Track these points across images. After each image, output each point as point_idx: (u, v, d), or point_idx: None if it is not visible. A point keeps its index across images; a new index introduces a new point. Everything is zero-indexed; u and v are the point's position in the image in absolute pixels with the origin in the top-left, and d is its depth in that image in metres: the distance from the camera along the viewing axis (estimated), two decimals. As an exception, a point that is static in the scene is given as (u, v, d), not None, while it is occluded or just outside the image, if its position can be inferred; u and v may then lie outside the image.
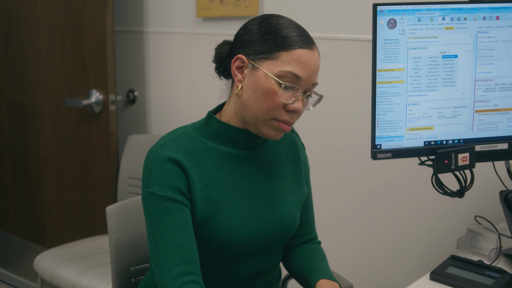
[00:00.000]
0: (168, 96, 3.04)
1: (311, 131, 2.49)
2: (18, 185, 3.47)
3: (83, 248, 2.73)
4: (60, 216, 3.27)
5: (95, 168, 3.05)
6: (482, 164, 1.87)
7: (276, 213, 1.60)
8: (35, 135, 3.30)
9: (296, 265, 1.73)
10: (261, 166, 1.61)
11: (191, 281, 1.42)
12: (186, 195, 1.49)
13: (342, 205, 2.52)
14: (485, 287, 1.59)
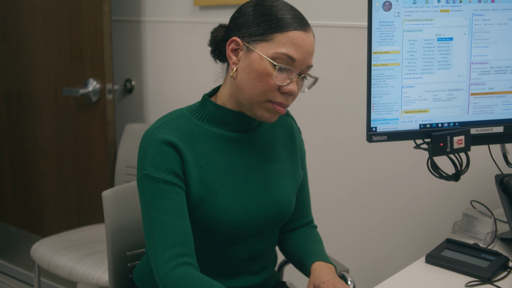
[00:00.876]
0: (165, 85, 3.04)
1: (307, 115, 2.49)
2: (16, 175, 3.47)
3: (80, 236, 2.73)
4: (57, 206, 3.27)
5: (92, 157, 3.05)
6: (477, 148, 1.87)
7: (271, 196, 1.60)
8: (33, 125, 3.30)
9: (292, 249, 1.74)
10: (256, 148, 1.61)
11: (185, 262, 1.42)
12: (181, 177, 1.49)
13: (337, 190, 2.53)
14: (480, 270, 1.59)
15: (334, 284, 1.48)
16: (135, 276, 1.74)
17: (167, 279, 1.39)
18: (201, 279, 1.38)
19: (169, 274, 1.40)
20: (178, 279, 1.38)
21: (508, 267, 1.64)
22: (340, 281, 1.51)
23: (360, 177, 2.46)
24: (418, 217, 2.34)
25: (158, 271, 1.42)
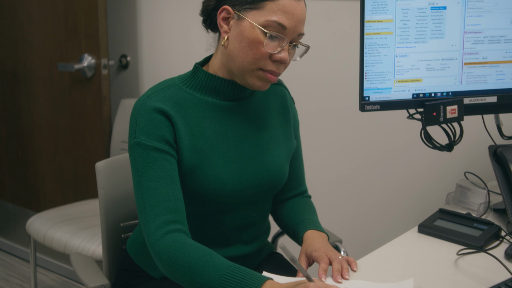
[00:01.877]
0: (161, 61, 3.03)
1: (300, 85, 2.48)
2: (12, 152, 3.47)
3: (75, 211, 2.74)
4: (53, 182, 3.27)
5: (87, 133, 3.05)
6: (471, 120, 1.87)
7: (264, 164, 1.60)
8: (28, 101, 3.30)
9: (285, 218, 1.74)
10: (249, 117, 1.60)
11: (177, 229, 1.42)
12: (172, 145, 1.49)
13: (331, 161, 2.53)
14: (472, 238, 1.60)
15: (325, 252, 1.49)
16: (129, 247, 1.74)
17: (159, 246, 1.39)
18: (193, 245, 1.38)
19: (161, 240, 1.40)
20: (170, 245, 1.38)
21: (501, 236, 1.64)
22: (332, 249, 1.51)
23: (353, 148, 2.46)
24: (412, 188, 2.35)
25: (149, 238, 1.42)
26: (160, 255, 1.39)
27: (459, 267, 1.48)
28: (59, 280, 3.35)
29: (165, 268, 1.40)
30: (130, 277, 1.70)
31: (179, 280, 1.38)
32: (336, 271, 1.41)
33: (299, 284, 1.21)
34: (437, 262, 1.51)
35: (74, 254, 1.83)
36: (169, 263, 1.38)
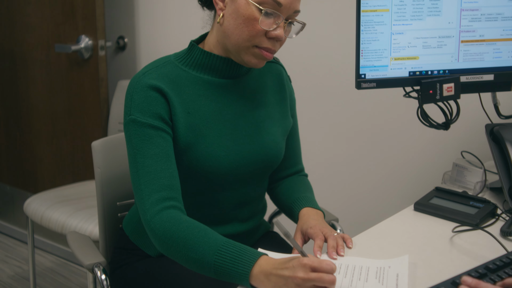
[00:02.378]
0: (158, 42, 3.02)
1: (296, 64, 2.48)
2: (10, 134, 3.47)
3: (72, 192, 2.74)
4: (51, 164, 3.27)
5: (85, 115, 3.05)
6: (469, 99, 1.86)
7: (260, 142, 1.60)
8: (26, 83, 3.29)
9: (281, 196, 1.74)
10: (245, 95, 1.60)
11: (172, 206, 1.42)
12: (168, 123, 1.48)
13: (327, 139, 2.53)
14: (468, 216, 1.60)
15: (321, 228, 1.49)
16: (125, 225, 1.74)
17: (154, 222, 1.39)
18: (187, 221, 1.38)
19: (156, 217, 1.40)
20: (165, 222, 1.38)
21: (496, 214, 1.64)
22: (327, 226, 1.51)
23: (350, 127, 2.46)
24: (409, 168, 2.35)
25: (144, 214, 1.42)
26: (155, 232, 1.39)
27: (455, 244, 1.48)
28: (57, 262, 3.36)
29: (160, 244, 1.40)
30: (127, 255, 1.70)
31: (174, 256, 1.38)
32: (331, 248, 1.41)
33: (293, 259, 1.21)
34: (432, 239, 1.51)
35: (71, 232, 1.83)
36: (164, 239, 1.38)
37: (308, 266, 1.18)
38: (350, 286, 1.25)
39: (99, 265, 1.62)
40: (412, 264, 1.35)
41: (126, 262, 1.69)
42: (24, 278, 3.17)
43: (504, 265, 1.26)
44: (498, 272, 1.24)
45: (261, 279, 1.24)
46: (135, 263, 1.67)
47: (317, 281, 1.17)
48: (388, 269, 1.32)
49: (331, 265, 1.18)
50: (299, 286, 1.17)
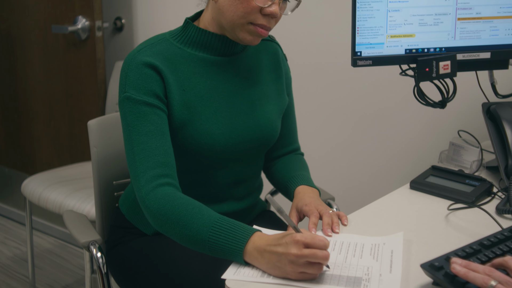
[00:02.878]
0: (156, 23, 3.00)
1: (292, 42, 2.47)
2: (8, 116, 3.46)
3: (70, 172, 2.74)
4: (49, 145, 3.27)
5: (82, 96, 3.04)
6: (466, 78, 1.86)
7: (255, 120, 1.59)
8: (23, 65, 3.28)
9: (277, 175, 1.74)
10: (240, 72, 1.59)
11: (167, 183, 1.42)
12: (163, 100, 1.48)
13: (324, 118, 2.53)
14: (463, 194, 1.59)
15: (316, 206, 1.48)
16: (121, 204, 1.74)
17: (148, 199, 1.39)
18: (182, 198, 1.38)
19: (151, 194, 1.40)
20: (159, 199, 1.38)
21: (492, 193, 1.64)
22: (322, 204, 1.51)
23: (347, 105, 2.46)
24: (405, 147, 2.35)
25: (139, 191, 1.42)
26: (150, 209, 1.39)
27: (450, 221, 1.48)
28: (55, 243, 3.37)
29: (154, 221, 1.40)
30: (123, 234, 1.70)
31: (168, 233, 1.38)
32: (326, 225, 1.41)
33: (286, 236, 1.20)
34: (428, 217, 1.51)
35: (67, 211, 1.83)
36: (158, 216, 1.38)
37: (301, 243, 1.18)
38: (345, 263, 1.25)
39: (95, 243, 1.62)
40: (407, 241, 1.36)
41: (122, 240, 1.69)
42: (22, 259, 3.18)
43: (499, 242, 1.26)
44: (492, 248, 1.24)
45: (255, 255, 1.24)
46: (131, 242, 1.67)
47: (310, 257, 1.16)
48: (383, 246, 1.32)
49: (324, 241, 1.18)
50: (293, 262, 1.17)
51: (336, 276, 1.21)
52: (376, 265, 1.24)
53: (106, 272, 1.58)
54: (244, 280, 1.20)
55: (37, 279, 2.96)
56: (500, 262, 1.11)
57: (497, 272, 1.06)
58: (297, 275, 1.18)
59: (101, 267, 1.58)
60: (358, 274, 1.21)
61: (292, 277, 1.19)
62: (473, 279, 1.06)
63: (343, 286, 1.17)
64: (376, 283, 1.18)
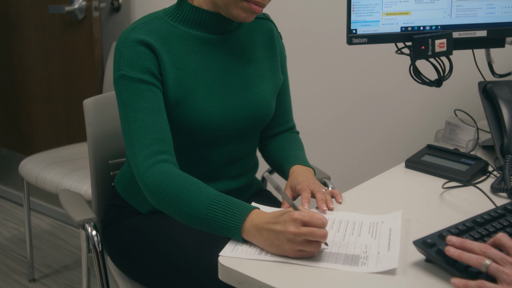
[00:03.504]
0: (153, 3, 2.99)
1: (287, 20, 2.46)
2: (5, 97, 3.46)
3: (67, 153, 2.74)
4: (46, 126, 3.27)
5: (79, 76, 3.03)
6: (462, 57, 1.85)
7: (250, 98, 1.59)
8: (20, 45, 3.27)
9: (273, 154, 1.74)
10: (234, 51, 1.59)
11: (164, 160, 1.42)
12: (157, 77, 1.47)
13: (319, 97, 2.52)
14: (458, 173, 1.59)
15: (309, 184, 1.48)
16: (116, 183, 1.75)
17: (146, 176, 1.39)
18: (180, 175, 1.38)
19: (148, 171, 1.39)
20: (157, 176, 1.38)
21: (488, 172, 1.64)
22: (316, 182, 1.51)
23: (342, 84, 2.45)
24: (402, 126, 2.34)
25: (137, 169, 1.41)
26: (148, 186, 1.39)
27: (445, 200, 1.48)
28: (54, 224, 3.38)
29: (153, 198, 1.40)
30: (118, 213, 1.70)
31: (166, 210, 1.38)
32: (320, 201, 1.41)
33: (284, 214, 1.20)
34: (422, 195, 1.51)
35: (62, 190, 1.83)
36: (156, 193, 1.38)
37: (299, 221, 1.18)
38: (343, 241, 1.25)
39: (90, 221, 1.62)
40: (405, 219, 1.35)
41: (118, 219, 1.70)
42: (21, 240, 3.19)
43: (492, 219, 1.26)
44: (485, 225, 1.24)
45: (253, 233, 1.24)
46: (126, 220, 1.67)
47: (308, 236, 1.16)
48: (382, 224, 1.32)
49: (322, 219, 1.18)
50: (291, 240, 1.17)
51: (334, 254, 1.21)
52: (374, 243, 1.24)
53: (101, 250, 1.58)
54: (239, 257, 1.20)
55: (35, 260, 2.97)
56: (493, 241, 1.11)
57: (492, 250, 1.06)
58: (295, 253, 1.18)
59: (96, 245, 1.58)
60: (356, 252, 1.21)
61: (290, 255, 1.19)
62: (467, 260, 1.06)
63: (341, 263, 1.17)
64: (374, 261, 1.18)
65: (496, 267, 1.03)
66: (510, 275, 1.01)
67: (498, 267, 1.03)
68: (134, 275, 1.65)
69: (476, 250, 1.07)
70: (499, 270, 1.02)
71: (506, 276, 1.01)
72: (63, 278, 2.85)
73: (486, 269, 1.04)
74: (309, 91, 2.53)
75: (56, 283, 2.81)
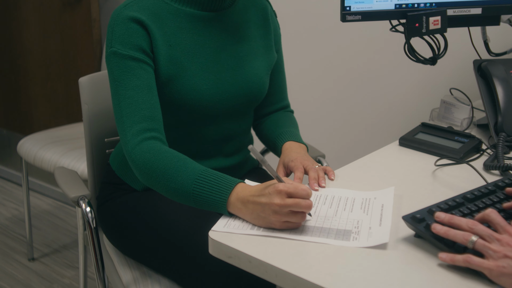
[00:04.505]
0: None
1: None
2: (5, 78, 3.46)
3: (66, 132, 2.74)
4: (46, 107, 3.28)
5: (78, 56, 3.03)
6: (458, 36, 1.84)
7: (243, 76, 1.59)
8: (19, 26, 3.27)
9: (266, 132, 1.74)
10: (227, 28, 1.58)
11: (152, 137, 1.42)
12: (149, 55, 1.48)
13: (314, 76, 2.52)
14: (451, 151, 1.59)
15: (301, 161, 1.49)
16: (111, 161, 1.75)
17: (134, 153, 1.40)
18: (167, 151, 1.38)
19: (136, 148, 1.40)
20: (145, 152, 1.39)
21: (481, 150, 1.64)
22: (309, 159, 1.51)
23: (338, 63, 2.45)
24: (398, 105, 2.34)
25: (126, 145, 1.42)
26: (136, 162, 1.40)
27: (437, 177, 1.48)
28: (54, 205, 3.39)
29: (141, 174, 1.40)
30: (113, 190, 1.71)
31: (154, 186, 1.39)
32: (312, 179, 1.41)
33: (269, 186, 1.21)
34: (415, 172, 1.51)
35: (58, 168, 1.84)
36: (144, 170, 1.39)
37: (284, 192, 1.18)
38: (335, 216, 1.26)
39: (84, 198, 1.62)
40: (397, 196, 1.36)
41: (112, 196, 1.70)
42: (20, 220, 3.21)
43: (482, 195, 1.26)
44: (475, 201, 1.24)
45: (239, 206, 1.24)
46: (120, 197, 1.68)
47: (293, 207, 1.17)
48: (374, 200, 1.33)
49: (307, 190, 1.18)
50: (276, 212, 1.18)
51: (326, 229, 1.21)
52: (366, 219, 1.25)
53: (95, 226, 1.59)
54: (231, 232, 1.21)
55: (35, 239, 2.99)
56: (482, 217, 1.11)
57: (480, 226, 1.06)
58: (281, 224, 1.19)
59: (90, 221, 1.58)
60: (348, 227, 1.22)
61: (276, 226, 1.19)
62: (453, 236, 1.07)
63: (332, 238, 1.18)
64: (366, 236, 1.18)
65: (483, 243, 1.03)
66: (496, 252, 1.01)
67: (484, 243, 1.03)
68: (128, 251, 1.66)
69: (464, 226, 1.07)
70: (485, 246, 1.03)
71: (492, 252, 1.02)
72: (62, 257, 2.87)
73: (473, 246, 1.04)
74: (303, 69, 2.53)
75: (55, 262, 2.82)
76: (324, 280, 1.03)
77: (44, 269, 2.77)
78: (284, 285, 1.08)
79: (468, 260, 1.03)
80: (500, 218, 1.08)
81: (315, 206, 1.30)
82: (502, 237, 1.03)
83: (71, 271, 2.74)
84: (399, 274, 1.06)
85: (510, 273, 0.98)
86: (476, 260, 1.02)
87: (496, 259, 1.01)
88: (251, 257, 1.12)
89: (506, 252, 1.00)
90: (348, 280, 1.04)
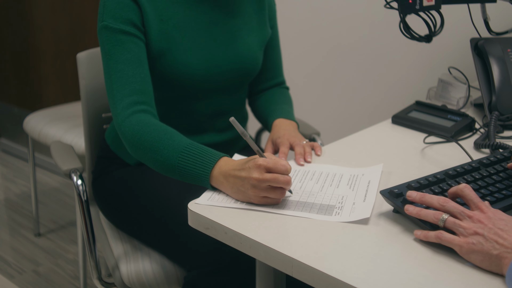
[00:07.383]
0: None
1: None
2: (16, 57, 3.49)
3: (71, 110, 2.76)
4: (55, 85, 3.30)
5: (86, 36, 3.05)
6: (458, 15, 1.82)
7: (235, 51, 1.59)
8: (30, 5, 3.29)
9: (260, 108, 1.74)
10: (220, 3, 1.58)
11: (143, 110, 1.43)
12: (140, 29, 1.48)
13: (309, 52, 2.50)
14: (443, 129, 1.58)
15: (288, 138, 1.49)
16: (107, 135, 1.77)
17: (124, 126, 1.41)
18: (155, 124, 1.39)
19: (126, 120, 1.41)
20: (134, 125, 1.39)
21: (474, 128, 1.63)
22: (296, 136, 1.51)
23: (334, 40, 2.43)
24: (395, 83, 2.33)
25: (116, 118, 1.43)
26: (125, 135, 1.41)
27: (426, 155, 1.48)
28: (62, 182, 3.43)
29: (129, 147, 1.42)
30: (107, 164, 1.73)
31: (142, 159, 1.40)
32: (298, 154, 1.41)
33: (250, 160, 1.21)
34: (405, 149, 1.50)
35: (54, 142, 1.85)
36: (132, 142, 1.40)
37: (263, 167, 1.18)
38: (320, 191, 1.26)
39: (76, 171, 1.64)
40: (385, 172, 1.35)
41: (107, 170, 1.72)
42: (29, 196, 3.25)
43: (464, 172, 1.25)
44: (457, 178, 1.23)
45: (221, 180, 1.25)
46: (114, 172, 1.70)
47: (272, 182, 1.17)
48: (362, 176, 1.33)
49: (286, 165, 1.18)
50: (255, 186, 1.18)
51: (309, 203, 1.21)
52: (351, 194, 1.25)
53: (87, 199, 1.60)
54: (213, 205, 1.21)
55: (42, 216, 3.03)
56: (455, 191, 1.11)
57: (451, 203, 1.06)
58: (259, 199, 1.19)
59: (81, 194, 1.59)
60: (332, 202, 1.22)
61: (254, 201, 1.19)
62: (425, 216, 1.07)
63: (314, 213, 1.18)
64: (348, 211, 1.18)
65: (453, 221, 1.03)
66: (466, 228, 1.01)
67: (454, 221, 1.03)
68: (120, 225, 1.68)
69: (435, 204, 1.07)
70: (455, 224, 1.02)
71: (462, 229, 1.01)
72: (67, 233, 2.91)
73: (444, 224, 1.04)
74: (300, 45, 2.51)
75: (60, 238, 2.86)
76: (295, 251, 1.04)
77: (50, 245, 2.81)
78: (257, 256, 1.09)
79: (440, 236, 1.02)
80: (473, 193, 1.07)
81: (302, 182, 1.30)
82: (473, 213, 1.03)
83: (75, 247, 2.78)
84: (372, 248, 1.06)
85: (479, 250, 0.98)
86: (447, 236, 1.02)
87: (466, 236, 1.00)
88: (226, 228, 1.13)
89: (476, 229, 1.00)
90: (320, 252, 1.04)
